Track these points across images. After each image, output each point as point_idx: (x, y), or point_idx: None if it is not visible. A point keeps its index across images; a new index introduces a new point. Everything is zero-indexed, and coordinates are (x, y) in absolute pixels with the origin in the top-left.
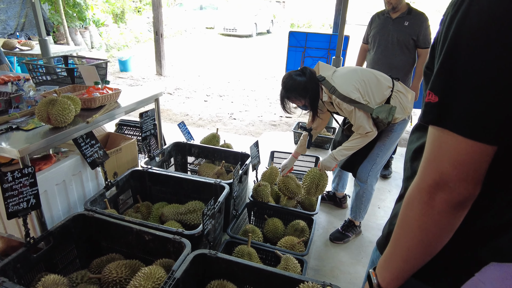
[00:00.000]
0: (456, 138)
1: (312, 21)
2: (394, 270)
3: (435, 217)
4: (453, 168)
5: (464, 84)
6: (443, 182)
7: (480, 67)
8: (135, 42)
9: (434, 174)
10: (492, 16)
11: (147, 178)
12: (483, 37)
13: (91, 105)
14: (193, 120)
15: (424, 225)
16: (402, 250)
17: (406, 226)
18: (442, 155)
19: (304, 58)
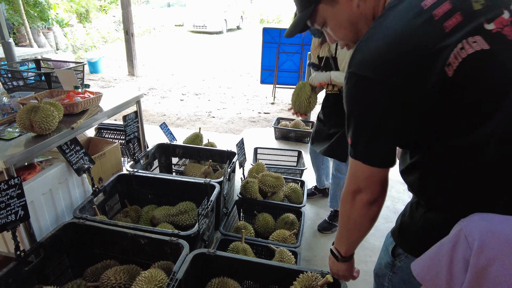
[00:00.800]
0: (360, 164)
1: (281, 16)
2: (344, 245)
3: (357, 210)
4: (362, 180)
5: (356, 136)
6: (358, 189)
7: (359, 126)
8: (103, 42)
9: (353, 184)
10: (355, 98)
11: (134, 181)
12: (354, 109)
13: (73, 110)
14: (171, 120)
15: (351, 215)
16: (344, 232)
17: (342, 217)
18: (356, 174)
19: (279, 54)
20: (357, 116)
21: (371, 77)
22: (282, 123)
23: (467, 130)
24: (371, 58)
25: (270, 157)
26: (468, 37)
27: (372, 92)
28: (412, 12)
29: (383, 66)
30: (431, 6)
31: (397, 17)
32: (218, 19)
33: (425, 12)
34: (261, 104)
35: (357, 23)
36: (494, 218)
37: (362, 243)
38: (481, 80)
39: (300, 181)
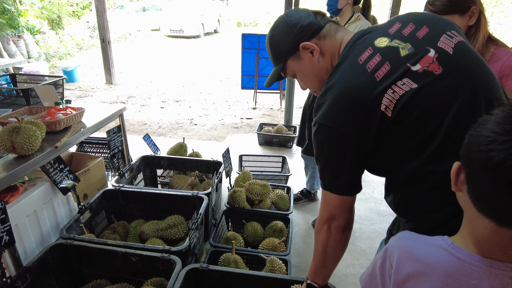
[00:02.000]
0: (330, 194)
1: (258, 19)
2: (322, 275)
3: (333, 237)
4: (335, 209)
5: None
6: (332, 217)
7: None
8: (77, 50)
9: (327, 213)
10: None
11: (120, 197)
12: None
13: (55, 128)
14: (152, 129)
15: (328, 243)
16: (321, 262)
17: (319, 247)
18: (328, 203)
19: (259, 60)
20: (323, 156)
21: (332, 126)
22: (265, 129)
23: (415, 154)
24: (329, 112)
25: (255, 164)
26: (397, 81)
27: (333, 138)
28: (352, 68)
29: (339, 118)
30: (365, 60)
31: (343, 73)
32: (195, 23)
33: (360, 66)
34: (243, 110)
35: (319, 75)
36: (416, 238)
37: (349, 247)
38: (416, 112)
39: (286, 187)
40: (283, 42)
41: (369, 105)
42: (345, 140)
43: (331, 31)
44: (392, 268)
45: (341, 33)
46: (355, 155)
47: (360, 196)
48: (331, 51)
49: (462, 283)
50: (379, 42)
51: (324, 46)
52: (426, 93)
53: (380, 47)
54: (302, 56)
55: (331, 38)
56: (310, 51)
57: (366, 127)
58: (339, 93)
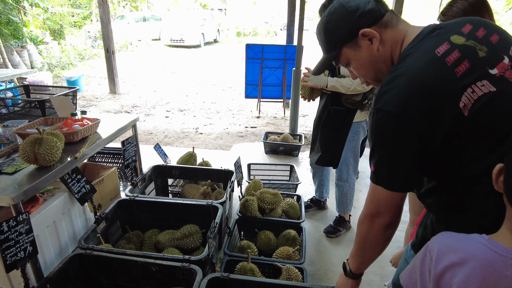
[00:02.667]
0: (381, 189)
1: (257, 29)
2: (356, 263)
3: (374, 232)
4: (382, 205)
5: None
6: (377, 213)
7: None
8: (79, 60)
9: (373, 208)
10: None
11: (135, 206)
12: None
13: (73, 138)
14: (158, 139)
15: (368, 236)
16: (358, 251)
17: (359, 237)
18: (376, 198)
19: (263, 69)
20: (382, 147)
21: (396, 113)
22: (271, 137)
23: (479, 159)
24: (397, 98)
25: (263, 173)
26: (477, 82)
27: (399, 127)
28: (428, 58)
29: (408, 105)
30: (443, 54)
31: (415, 63)
32: (195, 33)
33: (438, 59)
34: (247, 118)
35: (377, 64)
36: (455, 235)
37: None
38: (491, 116)
39: (296, 196)
40: (341, 28)
41: (447, 99)
42: (411, 131)
43: (393, 20)
44: (432, 261)
45: (403, 25)
46: (419, 150)
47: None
48: (392, 41)
49: (497, 273)
50: (456, 39)
51: (385, 34)
52: (503, 99)
53: (458, 43)
54: (361, 43)
55: (393, 28)
56: (369, 39)
57: (437, 121)
58: (413, 80)
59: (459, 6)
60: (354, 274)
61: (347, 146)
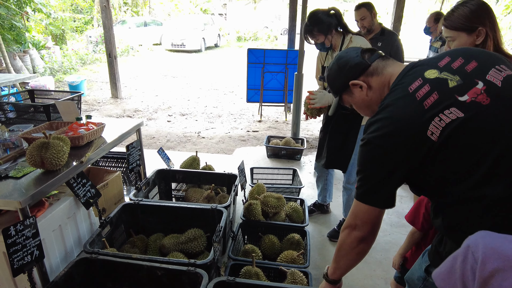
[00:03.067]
0: (361, 205)
1: (258, 33)
2: (332, 268)
3: (348, 243)
4: (359, 219)
5: (362, 184)
6: (354, 225)
7: (366, 178)
8: (81, 64)
9: (352, 220)
10: (366, 158)
11: (139, 211)
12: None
13: (78, 143)
14: (161, 143)
15: (343, 245)
16: (335, 258)
17: (337, 245)
18: (356, 212)
19: (264, 74)
20: (366, 170)
21: (380, 145)
22: (273, 141)
23: (460, 180)
24: (379, 132)
25: (266, 176)
26: (445, 110)
27: (380, 156)
28: (402, 95)
29: (387, 139)
30: (415, 89)
31: (393, 100)
32: (196, 38)
33: (410, 95)
34: (248, 123)
35: (370, 105)
36: (496, 236)
37: (366, 258)
38: (462, 139)
39: (300, 200)
40: (336, 81)
41: (417, 130)
42: (390, 160)
43: (378, 68)
44: (477, 264)
45: (389, 68)
46: (398, 174)
47: None
48: (379, 85)
49: None
50: (429, 74)
51: (372, 81)
52: (473, 123)
53: (430, 78)
54: (353, 91)
55: (379, 74)
56: (360, 87)
57: (412, 150)
58: (390, 117)
59: (461, 12)
60: (329, 279)
61: (356, 149)
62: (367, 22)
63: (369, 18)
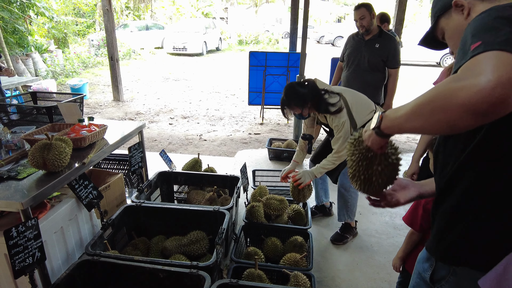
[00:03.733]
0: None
1: (259, 37)
2: (390, 119)
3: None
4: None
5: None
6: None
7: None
8: (83, 68)
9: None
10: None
11: (141, 213)
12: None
13: (81, 144)
14: (162, 145)
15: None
16: (407, 109)
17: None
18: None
19: (266, 76)
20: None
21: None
22: (275, 144)
23: None
24: None
25: (268, 179)
26: None
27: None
28: None
29: None
30: None
31: None
32: (197, 41)
33: None
34: (250, 125)
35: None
36: None
37: (368, 261)
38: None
39: (302, 202)
40: (439, 1)
41: None
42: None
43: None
44: None
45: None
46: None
47: (375, 210)
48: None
49: None
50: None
51: (478, 7)
52: None
53: None
54: (453, 14)
55: (492, 1)
56: (462, 10)
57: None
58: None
59: None
60: (379, 130)
61: None
62: (366, 22)
63: (368, 18)
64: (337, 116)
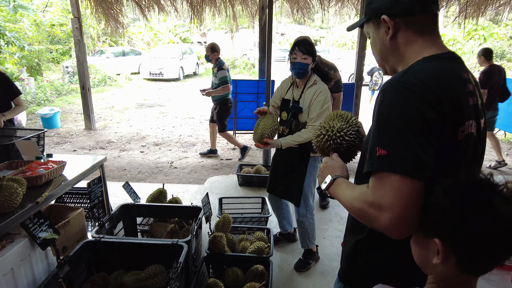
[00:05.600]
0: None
1: (235, 62)
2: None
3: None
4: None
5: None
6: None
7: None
8: (56, 96)
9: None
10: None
11: (100, 248)
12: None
13: (36, 183)
14: (132, 175)
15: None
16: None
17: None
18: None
19: (237, 103)
20: (400, 124)
21: (423, 97)
22: (244, 169)
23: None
24: (426, 85)
25: (235, 206)
26: (472, 120)
27: (421, 109)
28: (455, 73)
29: (434, 96)
30: (466, 80)
31: (444, 69)
32: (174, 67)
33: (462, 80)
34: (222, 151)
35: (385, 52)
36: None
37: (330, 286)
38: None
39: (266, 229)
40: (373, 3)
41: (457, 115)
42: (426, 111)
43: (422, 25)
44: None
45: (433, 36)
46: (430, 133)
47: (338, 234)
48: (408, 42)
49: None
50: (470, 77)
51: (404, 33)
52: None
53: (471, 81)
54: (380, 26)
55: (418, 32)
56: (387, 27)
57: (444, 121)
58: (438, 77)
59: None
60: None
61: (306, 180)
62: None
63: None
64: (323, 91)
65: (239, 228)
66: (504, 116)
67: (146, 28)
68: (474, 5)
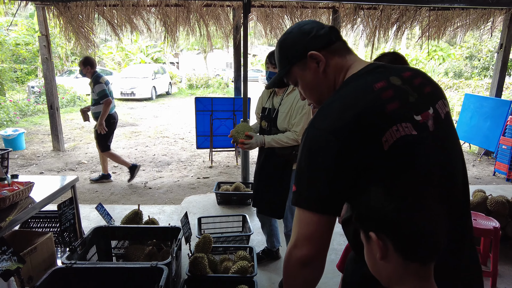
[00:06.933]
0: (300, 212)
1: (209, 81)
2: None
3: (290, 268)
4: (301, 232)
5: (299, 180)
6: (295, 242)
7: (301, 171)
8: (20, 116)
9: (294, 235)
10: (309, 148)
11: (72, 275)
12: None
13: (0, 206)
14: (104, 197)
15: (286, 272)
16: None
17: (283, 272)
18: (297, 222)
19: (213, 121)
20: (301, 163)
21: (321, 129)
22: (223, 187)
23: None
24: (327, 118)
25: (215, 226)
26: (402, 122)
27: (325, 144)
28: (365, 88)
29: (335, 125)
30: (380, 89)
31: (353, 90)
32: (146, 86)
33: (374, 92)
34: (199, 169)
35: (320, 87)
36: None
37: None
38: (409, 157)
39: (249, 248)
40: (294, 47)
41: (373, 129)
42: (333, 148)
43: (342, 50)
44: None
45: (352, 56)
46: (338, 166)
47: None
48: (337, 68)
49: None
50: (394, 80)
51: (331, 61)
52: (420, 144)
53: (394, 84)
54: (309, 64)
55: (341, 57)
56: (317, 62)
57: (358, 145)
58: (346, 103)
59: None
60: None
61: (290, 195)
62: None
63: None
64: None
65: (220, 248)
66: (467, 129)
67: (117, 48)
68: (434, 27)
